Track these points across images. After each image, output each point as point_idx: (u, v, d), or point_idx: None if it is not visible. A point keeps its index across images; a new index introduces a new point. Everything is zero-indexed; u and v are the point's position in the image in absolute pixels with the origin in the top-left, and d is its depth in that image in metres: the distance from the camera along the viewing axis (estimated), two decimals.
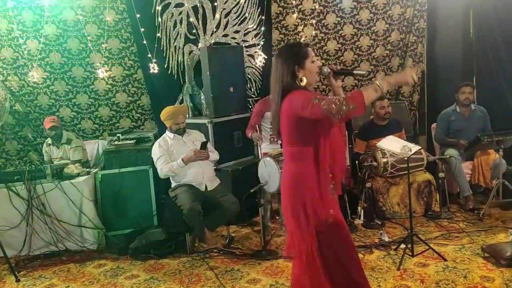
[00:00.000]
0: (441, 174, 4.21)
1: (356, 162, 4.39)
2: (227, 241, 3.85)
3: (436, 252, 3.24)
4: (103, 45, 4.85)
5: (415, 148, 3.40)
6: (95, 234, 3.94)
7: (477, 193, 4.48)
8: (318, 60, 2.25)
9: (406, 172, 3.47)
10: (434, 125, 4.77)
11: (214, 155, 4.04)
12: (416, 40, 5.40)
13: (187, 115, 4.98)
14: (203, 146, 3.79)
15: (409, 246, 3.31)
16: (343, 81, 2.58)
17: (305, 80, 2.14)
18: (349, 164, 4.71)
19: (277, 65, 2.17)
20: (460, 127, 4.46)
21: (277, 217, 4.29)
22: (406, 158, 3.40)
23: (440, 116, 4.60)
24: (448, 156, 4.25)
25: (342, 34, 5.27)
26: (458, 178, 4.28)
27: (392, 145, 3.53)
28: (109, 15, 4.81)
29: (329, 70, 2.19)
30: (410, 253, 3.28)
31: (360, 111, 1.93)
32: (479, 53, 5.56)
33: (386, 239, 3.61)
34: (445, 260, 3.18)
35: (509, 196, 4.08)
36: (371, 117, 4.53)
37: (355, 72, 2.27)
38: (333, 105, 1.91)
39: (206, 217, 3.68)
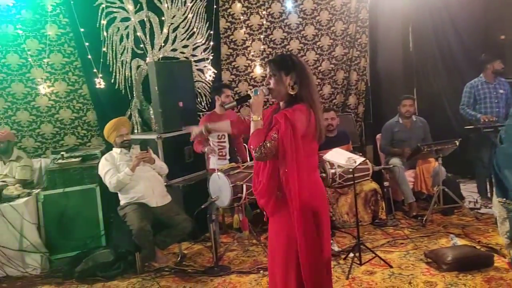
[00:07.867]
0: (386, 183, 4.37)
1: None
2: (178, 258, 3.78)
3: (383, 260, 3.35)
4: (44, 60, 4.67)
5: (359, 159, 3.50)
6: (38, 259, 3.73)
7: (420, 200, 4.67)
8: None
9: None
10: (379, 135, 4.96)
11: (163, 168, 3.95)
12: (359, 54, 5.63)
13: (137, 130, 4.89)
14: (144, 147, 3.73)
15: (357, 255, 3.41)
16: None
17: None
18: None
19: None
20: (403, 137, 4.67)
21: (230, 231, 4.27)
22: (351, 170, 3.51)
23: (384, 127, 4.79)
24: (392, 166, 4.43)
25: (289, 49, 5.39)
26: (402, 186, 4.46)
27: (338, 157, 3.62)
28: (51, 29, 4.64)
29: None
30: (358, 262, 3.37)
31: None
32: (418, 66, 5.90)
33: (336, 248, 3.67)
34: (391, 267, 3.29)
35: (449, 202, 4.31)
36: None
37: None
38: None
39: (157, 235, 3.59)
